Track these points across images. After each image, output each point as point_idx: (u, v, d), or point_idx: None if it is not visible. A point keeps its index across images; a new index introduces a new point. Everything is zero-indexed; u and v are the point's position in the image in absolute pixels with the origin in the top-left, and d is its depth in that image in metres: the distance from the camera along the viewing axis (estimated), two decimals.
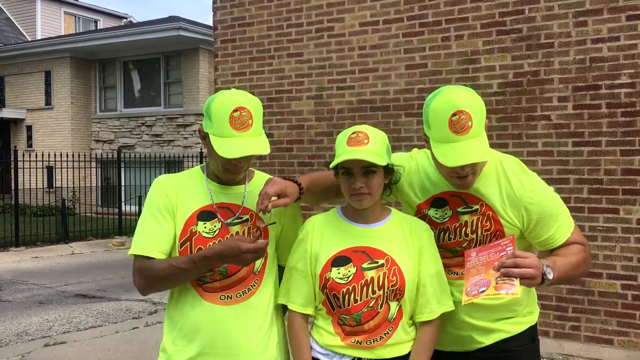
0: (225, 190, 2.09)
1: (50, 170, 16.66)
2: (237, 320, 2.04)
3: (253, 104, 1.99)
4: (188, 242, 2.03)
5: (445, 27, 5.66)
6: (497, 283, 1.80)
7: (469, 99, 1.94)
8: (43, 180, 16.54)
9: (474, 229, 2.07)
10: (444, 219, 2.11)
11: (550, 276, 1.86)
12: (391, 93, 5.94)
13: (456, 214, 2.09)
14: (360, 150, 1.94)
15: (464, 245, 2.09)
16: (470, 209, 2.07)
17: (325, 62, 6.29)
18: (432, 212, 2.14)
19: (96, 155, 17.92)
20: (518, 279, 1.78)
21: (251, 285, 2.07)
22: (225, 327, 2.02)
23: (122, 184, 15.65)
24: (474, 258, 1.95)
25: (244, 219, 2.08)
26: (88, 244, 12.97)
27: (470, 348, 2.14)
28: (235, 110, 1.93)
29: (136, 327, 6.35)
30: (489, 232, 2.06)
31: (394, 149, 6.79)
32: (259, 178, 2.18)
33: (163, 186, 2.08)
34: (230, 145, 1.93)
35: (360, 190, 1.98)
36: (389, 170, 2.05)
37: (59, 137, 18.41)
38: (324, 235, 2.08)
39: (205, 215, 2.05)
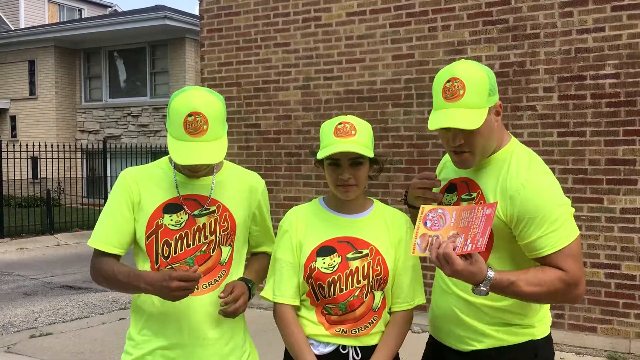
0: (192, 181, 2.08)
1: (35, 160, 16.51)
2: (204, 310, 2.04)
3: (210, 108, 1.92)
4: (154, 235, 2.04)
5: (432, 18, 5.66)
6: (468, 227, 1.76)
7: (470, 70, 1.91)
8: (28, 171, 16.39)
9: None
10: (450, 204, 2.05)
11: (490, 273, 1.76)
12: (378, 83, 5.94)
13: (460, 200, 2.05)
14: (348, 141, 1.95)
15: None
16: (470, 197, 2.02)
17: (312, 52, 6.27)
18: (444, 199, 2.10)
19: (81, 145, 17.78)
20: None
21: (218, 277, 2.08)
22: (191, 317, 2.03)
23: (108, 174, 15.54)
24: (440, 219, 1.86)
25: (211, 210, 2.07)
26: (74, 235, 12.89)
27: (464, 349, 2.07)
28: (189, 115, 1.89)
29: (123, 318, 6.33)
30: None
31: (381, 139, 6.76)
32: (228, 169, 2.18)
33: (126, 180, 2.08)
34: (183, 150, 1.91)
35: (348, 182, 1.99)
36: (373, 161, 2.06)
37: (44, 128, 18.23)
38: (308, 225, 2.08)
39: (171, 207, 2.05)
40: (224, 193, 2.10)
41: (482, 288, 1.78)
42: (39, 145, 14.63)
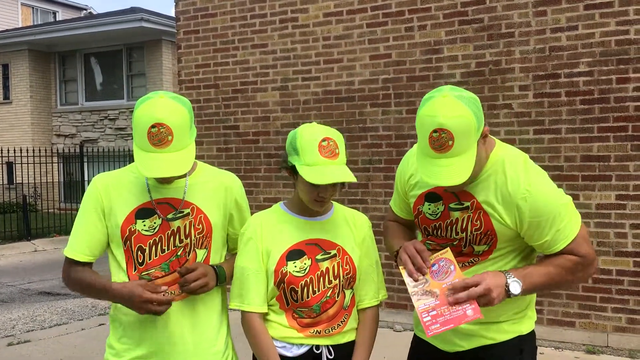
0: (165, 184, 2.05)
1: (10, 166, 16.24)
2: (182, 315, 2.02)
3: (175, 117, 1.87)
4: (128, 242, 2.02)
5: (409, 17, 5.69)
6: (450, 306, 1.81)
7: (456, 117, 1.78)
8: (3, 177, 16.14)
9: (463, 227, 1.97)
10: (436, 215, 2.04)
11: (517, 291, 1.82)
12: (356, 83, 5.95)
13: (448, 210, 2.01)
14: (337, 164, 1.95)
15: (454, 243, 2.00)
16: (461, 206, 1.98)
17: (290, 53, 6.27)
18: (425, 208, 2.08)
19: (57, 150, 17.53)
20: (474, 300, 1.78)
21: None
22: (169, 324, 2.01)
23: (85, 179, 15.36)
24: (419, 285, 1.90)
25: (185, 212, 2.04)
26: (51, 241, 12.71)
27: (450, 349, 2.07)
28: (153, 126, 1.84)
29: (102, 324, 6.26)
30: (478, 232, 1.95)
31: (360, 139, 6.77)
32: (202, 170, 2.15)
33: (96, 187, 2.06)
34: (148, 162, 1.87)
35: (327, 199, 2.03)
36: None
37: (19, 132, 17.96)
38: (273, 231, 2.07)
39: (143, 212, 2.02)
40: (198, 195, 2.07)
41: (511, 283, 1.81)
42: (14, 150, 14.41)
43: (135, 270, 2.02)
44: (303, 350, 2.03)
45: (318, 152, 1.93)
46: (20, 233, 12.83)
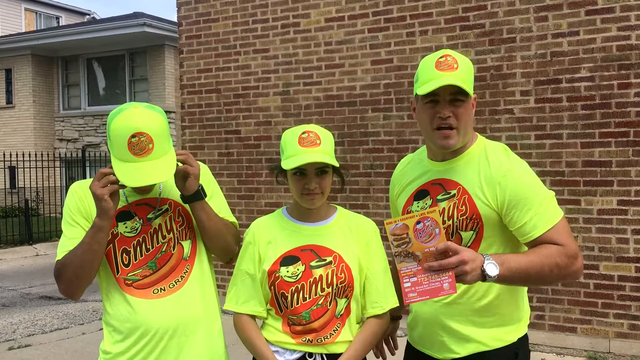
0: (140, 188, 2.07)
1: (12, 170, 16.28)
2: (174, 310, 2.02)
3: (153, 125, 1.89)
4: (111, 244, 2.03)
5: (410, 23, 5.70)
6: (430, 275, 1.75)
7: (461, 55, 2.00)
8: (5, 181, 16.17)
9: (450, 214, 1.99)
10: (424, 209, 2.01)
11: (493, 273, 1.74)
12: (357, 88, 5.96)
13: (436, 202, 2.03)
14: (315, 151, 1.94)
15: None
16: (448, 195, 2.01)
17: (292, 58, 6.28)
18: (414, 207, 2.10)
19: (60, 154, 17.57)
20: (452, 272, 1.73)
21: (184, 272, 2.07)
22: (161, 320, 2.01)
23: None
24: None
25: (163, 209, 2.08)
26: (53, 245, 12.72)
27: (445, 357, 2.05)
28: (133, 136, 1.85)
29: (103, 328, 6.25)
30: (464, 217, 1.97)
31: (361, 143, 6.79)
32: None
33: (77, 193, 2.07)
34: (130, 172, 1.87)
35: (314, 191, 1.99)
36: (335, 170, 2.07)
37: (21, 137, 18.00)
38: (271, 236, 2.08)
39: (123, 215, 2.05)
40: (172, 190, 2.08)
41: (487, 264, 1.74)
42: (17, 154, 14.44)
43: (118, 273, 2.03)
44: (296, 356, 2.01)
45: (297, 144, 1.96)
46: (22, 237, 12.85)
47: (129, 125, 1.86)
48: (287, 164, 1.96)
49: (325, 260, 2.01)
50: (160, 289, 2.02)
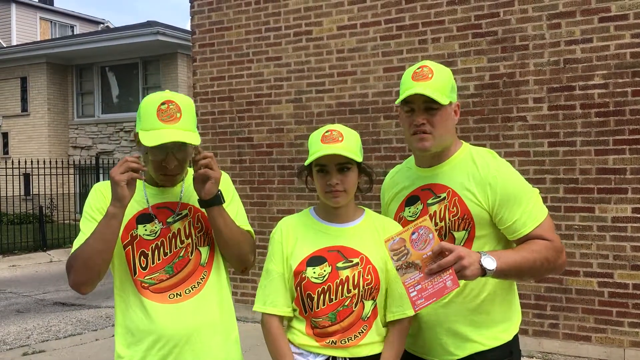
0: (162, 192, 2.10)
1: (27, 177, 16.44)
2: (190, 316, 2.02)
3: (183, 100, 1.98)
4: (130, 246, 2.04)
5: (422, 30, 5.71)
6: (432, 278, 1.83)
7: (438, 65, 2.07)
8: (20, 188, 16.32)
9: (442, 216, 2.06)
10: (416, 215, 2.12)
11: (491, 266, 1.85)
12: (370, 96, 5.97)
13: (427, 206, 2.10)
14: (335, 146, 1.97)
15: None
16: (438, 199, 2.08)
17: (304, 66, 6.31)
18: (406, 213, 2.16)
19: (74, 161, 17.73)
20: (452, 269, 1.81)
21: (200, 279, 2.07)
22: (177, 326, 2.01)
23: None
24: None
25: (183, 214, 2.09)
26: (66, 252, 12.80)
27: (445, 359, 2.08)
28: (162, 103, 1.93)
29: None
30: (456, 218, 2.04)
31: (374, 151, 6.77)
32: (193, 173, 2.16)
33: (100, 191, 2.09)
34: (157, 135, 1.91)
35: (336, 187, 2.00)
36: (362, 169, 2.08)
37: (36, 144, 18.19)
38: (298, 235, 2.08)
39: (144, 218, 2.06)
40: (193, 195, 2.09)
41: (484, 258, 1.85)
42: (32, 161, 14.58)
43: (135, 274, 2.04)
44: (320, 359, 2.01)
45: (320, 141, 2.00)
46: (36, 244, 12.96)
47: (161, 95, 1.97)
48: (308, 160, 2.00)
49: (352, 261, 2.01)
50: (177, 294, 2.02)
